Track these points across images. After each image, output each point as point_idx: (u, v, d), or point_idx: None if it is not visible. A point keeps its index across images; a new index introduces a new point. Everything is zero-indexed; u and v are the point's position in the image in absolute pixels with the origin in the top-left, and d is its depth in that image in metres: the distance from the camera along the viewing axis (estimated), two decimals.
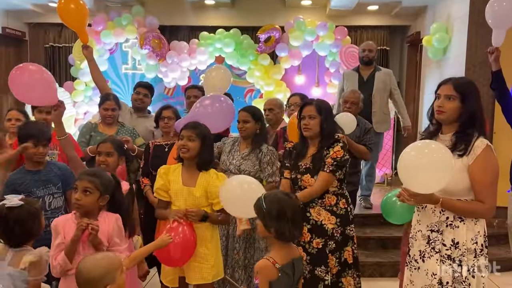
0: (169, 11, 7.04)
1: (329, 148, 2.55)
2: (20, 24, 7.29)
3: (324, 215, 2.56)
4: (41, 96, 2.35)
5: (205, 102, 2.94)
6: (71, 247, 1.99)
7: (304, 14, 6.89)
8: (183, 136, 2.42)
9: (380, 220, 4.71)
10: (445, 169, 1.80)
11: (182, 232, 2.29)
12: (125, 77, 7.36)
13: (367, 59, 4.76)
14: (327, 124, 2.57)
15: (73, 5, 3.20)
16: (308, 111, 2.57)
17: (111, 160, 2.61)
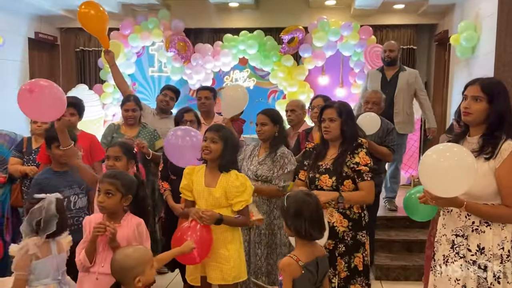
0: (194, 14, 7.14)
1: (353, 153, 2.52)
2: (52, 29, 7.56)
3: (336, 217, 2.53)
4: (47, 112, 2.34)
5: (177, 133, 2.86)
6: (90, 247, 2.07)
7: (328, 14, 6.85)
8: (206, 138, 2.46)
9: (406, 222, 4.66)
10: (467, 173, 1.76)
11: (199, 230, 2.33)
12: (152, 79, 7.51)
13: (388, 60, 4.70)
14: (347, 127, 2.54)
15: (93, 11, 3.28)
16: (329, 114, 2.56)
17: (119, 165, 2.57)
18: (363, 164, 2.48)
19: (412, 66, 7.10)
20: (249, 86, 7.35)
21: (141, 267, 1.85)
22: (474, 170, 1.77)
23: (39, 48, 7.34)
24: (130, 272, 1.83)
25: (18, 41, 6.77)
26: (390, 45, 4.77)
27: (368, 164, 2.50)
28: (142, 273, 1.85)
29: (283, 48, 6.71)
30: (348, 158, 2.50)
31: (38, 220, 2.04)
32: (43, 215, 2.04)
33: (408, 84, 4.63)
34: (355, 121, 2.64)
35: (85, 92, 6.71)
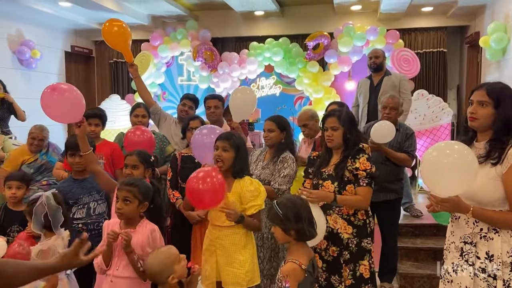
0: (220, 24, 7.30)
1: (354, 158, 2.50)
2: (87, 42, 7.94)
3: (340, 224, 2.51)
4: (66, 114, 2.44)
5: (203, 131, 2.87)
6: (106, 251, 2.17)
7: (354, 20, 6.81)
8: (218, 147, 2.49)
9: (433, 230, 4.53)
10: (468, 170, 1.75)
11: (215, 176, 2.30)
12: (181, 88, 7.72)
13: (374, 66, 4.77)
14: (350, 135, 2.53)
15: (116, 28, 3.42)
16: (331, 123, 2.55)
17: (137, 173, 2.62)
18: (362, 169, 2.45)
19: (443, 69, 6.96)
20: (275, 93, 7.41)
21: (169, 268, 1.96)
22: (475, 167, 1.76)
23: (75, 60, 7.73)
24: (160, 275, 1.97)
25: (55, 55, 7.16)
26: (375, 52, 4.86)
27: (367, 169, 2.46)
28: (172, 272, 1.97)
29: (308, 55, 6.73)
30: (349, 163, 2.49)
31: (44, 214, 2.17)
32: (46, 209, 2.17)
33: (393, 87, 4.67)
34: (357, 128, 2.62)
35: (118, 102, 6.99)
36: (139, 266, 2.15)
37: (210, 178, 2.25)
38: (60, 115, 2.41)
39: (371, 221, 2.58)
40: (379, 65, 4.76)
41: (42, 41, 6.64)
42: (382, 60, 4.79)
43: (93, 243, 2.32)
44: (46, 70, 6.86)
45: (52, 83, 2.43)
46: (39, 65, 6.53)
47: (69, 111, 2.28)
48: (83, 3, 5.86)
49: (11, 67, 6.15)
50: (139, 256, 2.17)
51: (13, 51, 6.16)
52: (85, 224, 2.61)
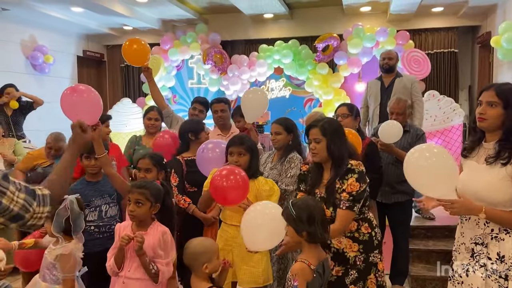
0: (230, 27, 7.34)
1: (342, 179, 2.26)
2: (99, 46, 8.06)
3: (345, 243, 2.34)
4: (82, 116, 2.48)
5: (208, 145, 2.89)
6: (118, 254, 2.20)
7: (364, 21, 6.80)
8: (233, 153, 2.54)
9: (445, 232, 4.49)
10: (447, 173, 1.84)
11: (239, 173, 2.34)
12: (191, 91, 7.78)
13: (387, 67, 4.72)
14: (334, 146, 2.27)
15: (135, 46, 3.45)
16: (313, 134, 2.32)
17: (150, 176, 2.64)
18: (347, 191, 2.22)
19: (454, 70, 6.90)
20: (285, 95, 7.42)
21: (209, 254, 2.05)
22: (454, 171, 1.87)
23: (87, 65, 7.85)
24: (200, 257, 2.04)
25: (68, 59, 7.28)
26: (389, 53, 4.81)
27: (352, 192, 2.21)
28: (209, 260, 2.04)
29: (318, 57, 6.73)
30: (338, 185, 2.26)
31: (66, 219, 2.22)
32: (69, 214, 2.22)
33: (405, 89, 4.63)
34: (343, 140, 2.34)
35: (129, 105, 7.07)
36: (151, 268, 2.17)
37: (233, 176, 2.29)
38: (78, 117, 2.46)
39: (377, 232, 2.41)
40: (391, 67, 4.72)
41: (55, 46, 6.76)
42: (395, 61, 4.76)
43: (105, 245, 2.37)
44: (59, 74, 6.98)
45: (71, 85, 2.49)
46: (52, 70, 6.65)
47: (87, 113, 2.33)
48: (95, 8, 5.95)
49: (24, 72, 6.26)
50: (150, 258, 2.19)
51: (26, 56, 6.29)
52: (97, 227, 2.64)
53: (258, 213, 2.11)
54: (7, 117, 4.89)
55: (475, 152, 2.02)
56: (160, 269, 2.19)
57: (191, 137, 3.14)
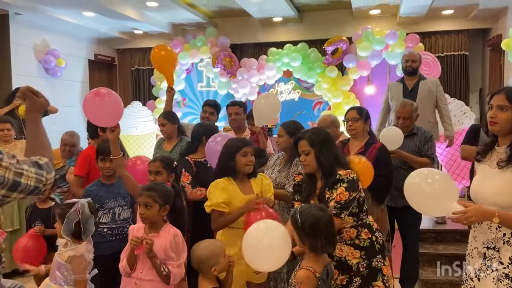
0: (239, 30, 7.38)
1: (331, 189, 2.27)
2: (110, 50, 8.14)
3: (346, 251, 2.33)
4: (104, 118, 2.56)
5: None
6: (130, 255, 2.23)
7: (374, 24, 6.80)
8: (247, 153, 2.58)
9: (456, 236, 4.46)
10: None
11: (267, 215, 2.39)
12: (201, 94, 7.82)
13: (410, 69, 4.62)
14: (323, 157, 2.30)
15: (163, 52, 3.49)
16: (301, 147, 2.35)
17: (160, 179, 2.67)
18: (336, 200, 2.24)
19: (465, 73, 6.86)
20: (294, 98, 7.43)
21: (216, 257, 2.10)
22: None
23: (98, 68, 7.94)
24: (207, 261, 2.11)
25: (79, 63, 7.38)
26: (412, 55, 4.70)
27: (340, 201, 2.23)
28: (217, 263, 2.11)
29: (327, 60, 6.74)
30: (328, 195, 2.28)
31: (77, 222, 2.25)
32: (80, 217, 2.25)
33: (430, 92, 4.53)
34: (331, 149, 2.35)
35: (139, 108, 7.14)
36: (162, 270, 2.19)
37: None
38: (100, 119, 2.56)
39: (378, 237, 2.38)
40: (415, 69, 4.63)
41: (66, 50, 6.85)
42: (419, 64, 4.66)
43: (118, 248, 2.40)
44: (71, 78, 7.07)
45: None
46: (64, 74, 6.74)
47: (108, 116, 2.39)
48: (106, 12, 6.03)
49: (37, 75, 6.36)
50: (162, 260, 2.21)
51: (39, 60, 6.38)
52: (110, 229, 2.68)
53: (261, 233, 2.04)
54: (19, 120, 4.96)
55: (488, 156, 2.02)
56: (172, 271, 2.21)
57: (205, 140, 3.17)
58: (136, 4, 6.15)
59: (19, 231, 3.83)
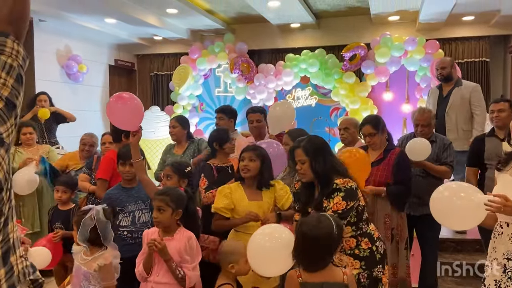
0: (257, 36, 7.43)
1: (328, 198, 2.24)
2: (130, 56, 8.29)
3: (346, 261, 2.28)
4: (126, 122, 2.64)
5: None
6: (147, 259, 2.27)
7: (392, 30, 6.75)
8: (244, 158, 2.61)
9: (476, 246, 4.37)
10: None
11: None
12: (218, 99, 7.89)
13: (441, 77, 4.61)
14: (318, 165, 2.25)
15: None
16: (297, 156, 2.32)
17: (170, 183, 2.75)
18: (333, 209, 2.21)
19: (486, 79, 6.75)
20: (311, 104, 7.42)
21: (236, 256, 2.19)
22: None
23: (118, 73, 8.08)
24: (227, 257, 2.24)
25: (100, 68, 7.53)
26: (441, 62, 4.65)
27: (338, 210, 2.19)
28: (236, 262, 2.20)
29: (345, 66, 6.72)
30: (325, 204, 2.25)
31: (92, 228, 2.29)
32: (96, 224, 2.30)
33: (463, 99, 4.47)
34: (327, 157, 2.30)
35: (157, 113, 7.23)
36: (178, 273, 2.22)
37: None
38: (122, 122, 2.64)
39: (379, 246, 2.34)
40: (446, 76, 4.57)
41: (88, 56, 7.00)
42: (450, 69, 4.57)
43: (137, 251, 2.43)
44: (91, 83, 7.22)
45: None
46: (85, 79, 6.88)
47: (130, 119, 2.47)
48: (127, 19, 6.15)
49: (59, 80, 6.51)
50: (177, 263, 2.24)
51: (61, 66, 6.53)
52: (130, 232, 2.72)
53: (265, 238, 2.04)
54: (40, 124, 5.08)
55: (509, 165, 1.99)
56: (187, 274, 2.24)
57: (215, 147, 3.22)
58: (156, 11, 6.25)
59: (39, 233, 3.91)
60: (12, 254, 1.10)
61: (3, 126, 1.04)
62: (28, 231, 4.00)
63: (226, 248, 2.29)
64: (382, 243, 2.36)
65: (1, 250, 1.07)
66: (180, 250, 2.26)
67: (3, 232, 1.07)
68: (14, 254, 1.11)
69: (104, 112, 7.61)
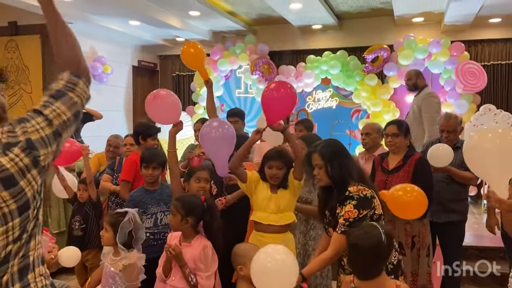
0: (278, 38, 7.43)
1: (342, 205, 2.22)
2: (153, 56, 8.41)
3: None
4: (167, 116, 2.82)
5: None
6: (166, 262, 2.31)
7: (416, 32, 6.65)
8: (272, 166, 2.65)
9: (499, 253, 4.27)
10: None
11: None
12: (238, 100, 7.93)
13: (408, 88, 5.00)
14: (333, 170, 2.24)
15: (192, 50, 3.62)
16: (314, 160, 2.31)
17: (207, 187, 2.76)
18: (345, 217, 2.19)
19: None
20: (331, 105, 7.38)
21: (244, 259, 2.22)
22: None
23: (142, 74, 8.21)
24: (236, 258, 2.34)
25: (124, 69, 7.67)
26: (407, 74, 5.02)
27: (349, 218, 2.17)
28: (244, 264, 2.24)
29: (367, 68, 6.66)
30: (338, 210, 2.24)
31: (130, 231, 2.37)
32: (132, 226, 2.37)
33: (417, 107, 4.75)
34: (342, 162, 2.27)
35: None
36: (190, 280, 2.25)
37: None
38: (162, 117, 2.84)
39: (392, 256, 2.23)
40: (412, 86, 4.90)
41: (112, 57, 7.14)
42: (416, 80, 4.87)
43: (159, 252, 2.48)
44: (115, 83, 7.36)
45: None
46: (109, 79, 7.02)
47: (169, 114, 2.68)
48: (151, 21, 6.25)
49: None
50: (191, 270, 2.27)
51: None
52: (152, 234, 2.77)
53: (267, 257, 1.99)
54: None
55: None
56: (199, 282, 2.25)
57: None
58: (179, 13, 6.33)
59: (65, 233, 4.02)
60: (30, 271, 1.14)
61: (44, 150, 1.12)
62: (55, 231, 4.14)
63: (237, 250, 2.38)
64: (397, 253, 2.30)
65: (18, 265, 1.11)
66: (195, 257, 2.28)
67: (24, 248, 1.12)
68: (33, 272, 1.15)
69: (127, 112, 7.77)
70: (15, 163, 1.07)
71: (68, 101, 1.19)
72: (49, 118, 1.14)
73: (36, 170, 1.11)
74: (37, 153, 1.11)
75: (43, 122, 1.13)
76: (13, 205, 1.07)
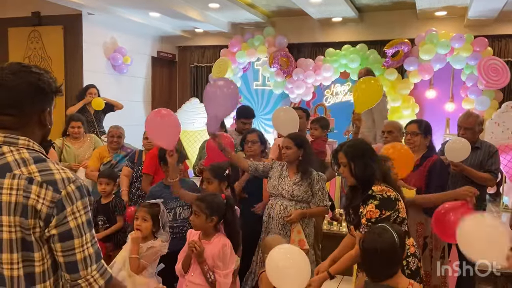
0: (297, 30, 7.37)
1: (364, 204, 2.22)
2: (172, 47, 8.46)
3: None
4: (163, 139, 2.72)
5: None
6: (186, 258, 2.38)
7: (439, 26, 6.52)
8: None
9: None
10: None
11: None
12: (256, 92, 7.93)
13: None
14: (357, 169, 2.26)
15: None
16: (340, 158, 2.35)
17: (212, 187, 2.80)
18: (366, 217, 2.20)
19: None
20: (349, 100, 7.33)
21: (270, 250, 2.21)
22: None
23: (160, 65, 8.28)
24: (264, 248, 2.57)
25: (143, 60, 7.74)
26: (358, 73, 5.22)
27: (371, 218, 2.17)
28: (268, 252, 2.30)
29: (387, 62, 6.57)
30: (361, 209, 2.25)
31: (164, 222, 2.56)
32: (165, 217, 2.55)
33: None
34: (367, 162, 2.27)
35: (197, 105, 7.38)
36: (208, 277, 2.31)
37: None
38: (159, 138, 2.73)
39: (410, 262, 2.23)
40: None
41: (132, 48, 7.21)
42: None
43: (177, 246, 2.55)
44: (135, 74, 7.45)
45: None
46: (129, 70, 7.11)
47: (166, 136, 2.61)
48: (170, 13, 6.29)
49: (105, 72, 6.76)
50: (210, 267, 2.33)
51: (107, 57, 6.77)
52: (171, 227, 2.83)
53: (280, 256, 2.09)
54: (91, 114, 5.34)
55: None
56: (217, 280, 2.31)
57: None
58: (198, 5, 6.34)
59: None
60: None
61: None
62: None
63: (265, 241, 2.58)
64: (417, 259, 2.28)
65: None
66: (214, 255, 2.34)
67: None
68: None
69: (146, 103, 7.86)
70: None
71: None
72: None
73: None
74: None
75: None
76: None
